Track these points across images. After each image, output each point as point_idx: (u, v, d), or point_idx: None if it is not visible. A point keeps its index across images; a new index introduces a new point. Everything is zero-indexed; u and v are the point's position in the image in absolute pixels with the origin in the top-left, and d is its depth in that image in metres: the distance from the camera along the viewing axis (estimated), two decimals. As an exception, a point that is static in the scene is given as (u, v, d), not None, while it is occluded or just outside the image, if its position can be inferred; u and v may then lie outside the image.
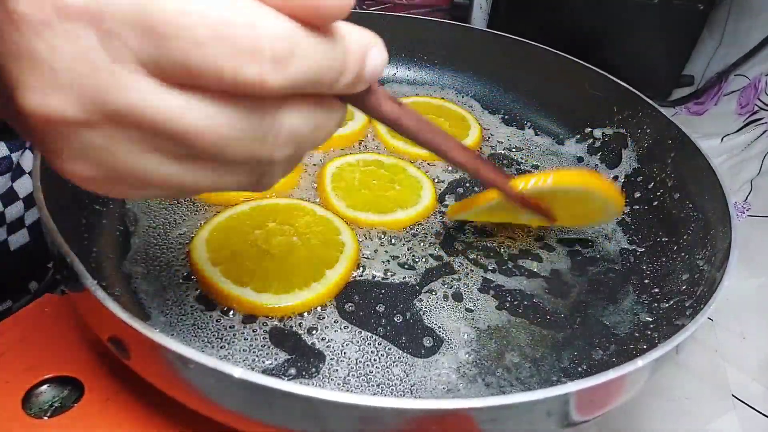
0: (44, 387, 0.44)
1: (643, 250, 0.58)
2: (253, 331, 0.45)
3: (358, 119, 0.68)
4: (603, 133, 0.71)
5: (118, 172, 0.24)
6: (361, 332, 0.47)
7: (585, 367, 0.46)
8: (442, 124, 0.70)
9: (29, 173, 0.56)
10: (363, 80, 0.26)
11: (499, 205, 0.48)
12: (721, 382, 0.60)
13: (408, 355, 0.45)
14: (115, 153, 0.23)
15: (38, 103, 0.22)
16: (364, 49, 0.26)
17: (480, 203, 0.50)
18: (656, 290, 0.53)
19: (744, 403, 0.59)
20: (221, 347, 0.44)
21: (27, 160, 0.56)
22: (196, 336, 0.44)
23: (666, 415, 0.58)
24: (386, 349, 0.45)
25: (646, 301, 0.52)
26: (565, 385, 0.33)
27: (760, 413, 0.58)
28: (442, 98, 0.77)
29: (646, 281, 0.55)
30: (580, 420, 0.38)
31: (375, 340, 0.46)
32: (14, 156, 0.54)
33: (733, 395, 0.59)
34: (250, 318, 0.46)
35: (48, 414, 0.43)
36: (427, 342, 0.46)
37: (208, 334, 0.45)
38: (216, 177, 0.25)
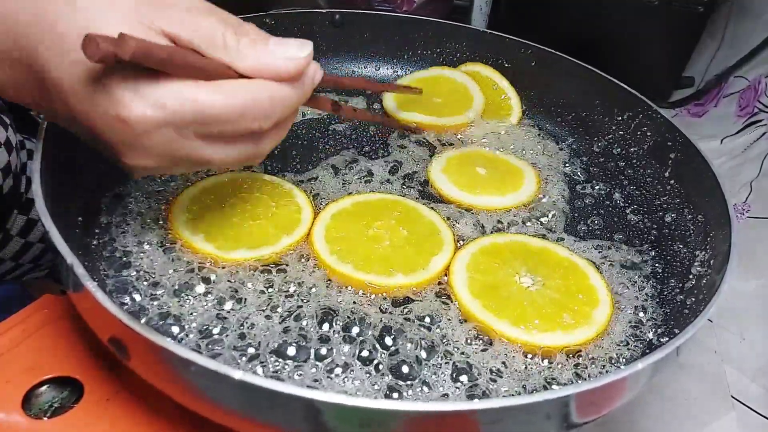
0: (44, 387, 0.44)
1: (643, 252, 0.58)
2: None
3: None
4: (603, 134, 0.71)
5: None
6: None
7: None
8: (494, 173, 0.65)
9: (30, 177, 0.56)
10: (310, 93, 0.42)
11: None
12: (721, 384, 0.60)
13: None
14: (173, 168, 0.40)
15: (134, 163, 0.38)
16: (313, 74, 0.41)
17: None
18: (656, 292, 0.53)
19: (743, 404, 0.59)
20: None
21: None
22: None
23: (665, 415, 0.58)
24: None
25: (646, 303, 0.52)
26: (565, 387, 0.33)
27: (759, 414, 0.58)
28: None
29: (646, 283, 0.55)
30: (581, 422, 0.38)
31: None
32: None
33: (732, 396, 0.59)
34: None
35: (48, 414, 0.43)
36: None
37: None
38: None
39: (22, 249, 0.60)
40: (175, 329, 0.45)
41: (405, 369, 0.44)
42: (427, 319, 0.48)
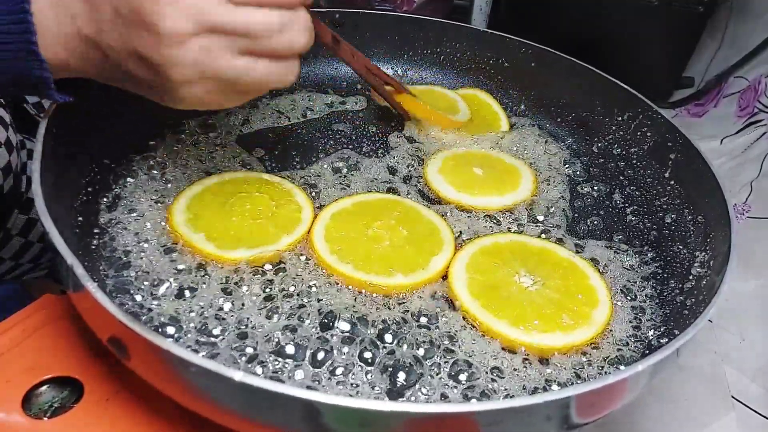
0: (44, 387, 0.44)
1: (643, 252, 0.58)
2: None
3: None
4: (603, 134, 0.71)
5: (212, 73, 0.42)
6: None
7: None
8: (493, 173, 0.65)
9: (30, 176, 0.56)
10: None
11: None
12: (721, 384, 0.60)
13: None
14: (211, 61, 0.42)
15: (177, 77, 0.41)
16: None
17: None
18: (656, 293, 0.53)
19: (743, 404, 0.59)
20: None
21: None
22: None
23: (665, 416, 0.58)
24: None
25: (646, 304, 0.52)
26: (565, 389, 0.33)
27: (760, 414, 0.58)
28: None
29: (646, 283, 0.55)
30: (581, 423, 0.38)
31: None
32: None
33: (732, 396, 0.59)
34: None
35: (48, 414, 0.43)
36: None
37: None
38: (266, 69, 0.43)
39: (22, 248, 0.61)
40: (175, 329, 0.45)
41: (404, 369, 0.44)
42: (427, 319, 0.48)
